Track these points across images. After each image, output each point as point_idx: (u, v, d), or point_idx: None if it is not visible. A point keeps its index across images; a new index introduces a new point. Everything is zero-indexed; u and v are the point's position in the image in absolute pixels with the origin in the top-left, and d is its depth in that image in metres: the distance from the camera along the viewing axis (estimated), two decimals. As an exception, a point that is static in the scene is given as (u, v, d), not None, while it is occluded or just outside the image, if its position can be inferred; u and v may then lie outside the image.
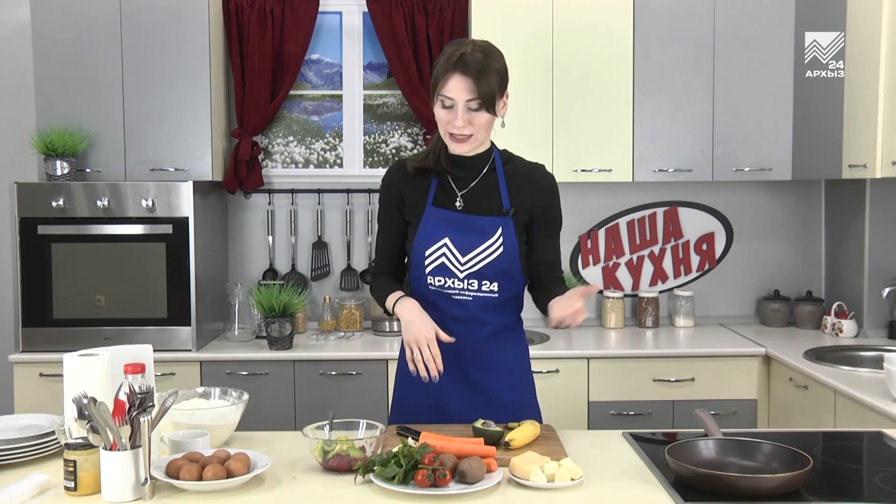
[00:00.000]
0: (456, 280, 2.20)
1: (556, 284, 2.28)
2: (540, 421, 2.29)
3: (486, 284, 2.20)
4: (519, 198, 2.23)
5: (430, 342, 2.11)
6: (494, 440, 2.00)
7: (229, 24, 3.96)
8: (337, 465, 1.88)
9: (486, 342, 2.23)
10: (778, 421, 3.52)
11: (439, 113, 2.14)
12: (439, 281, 2.21)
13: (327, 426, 2.02)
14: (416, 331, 2.12)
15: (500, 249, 2.18)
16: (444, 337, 2.13)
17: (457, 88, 2.08)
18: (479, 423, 2.05)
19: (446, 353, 2.17)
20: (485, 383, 2.24)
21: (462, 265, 2.19)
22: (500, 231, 2.19)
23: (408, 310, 2.17)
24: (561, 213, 2.31)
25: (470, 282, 2.19)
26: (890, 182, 3.67)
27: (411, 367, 2.14)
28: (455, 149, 2.18)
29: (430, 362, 2.10)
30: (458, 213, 2.21)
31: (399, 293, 2.25)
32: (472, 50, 2.10)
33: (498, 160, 2.26)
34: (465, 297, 2.21)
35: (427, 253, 2.20)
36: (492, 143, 2.27)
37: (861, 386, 2.87)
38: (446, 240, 2.19)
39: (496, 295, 2.21)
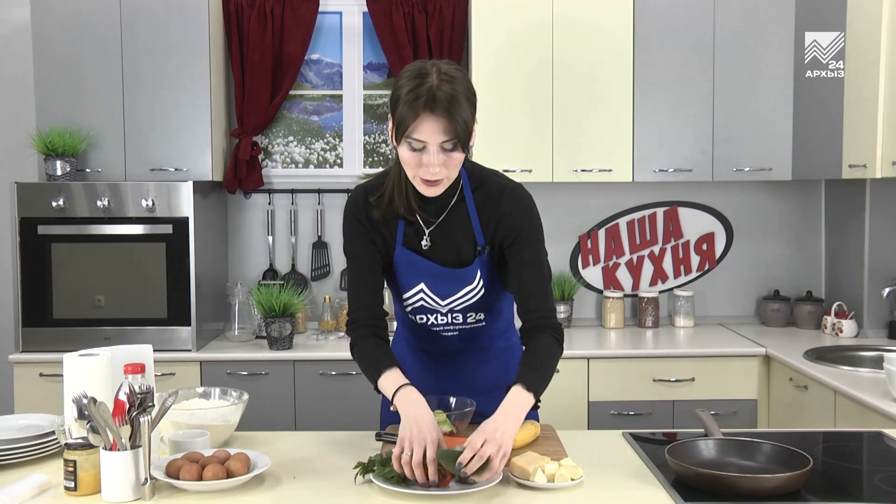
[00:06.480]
0: (439, 315, 2.08)
1: (538, 336, 1.96)
2: None
3: (471, 316, 2.10)
4: (491, 226, 1.99)
5: (430, 444, 1.73)
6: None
7: (229, 24, 3.96)
8: None
9: (480, 367, 2.18)
10: (778, 421, 3.52)
11: (405, 155, 1.83)
12: (421, 319, 2.10)
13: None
14: (418, 431, 1.74)
15: (482, 291, 2.04)
16: (443, 444, 1.78)
17: (429, 130, 1.78)
18: (478, 424, 2.05)
19: (453, 379, 2.14)
20: (489, 407, 2.01)
21: (443, 305, 2.07)
22: (478, 275, 2.02)
23: (412, 403, 1.83)
24: (537, 238, 2.01)
25: (454, 316, 2.09)
26: (890, 182, 3.67)
27: (396, 465, 1.74)
28: (427, 192, 1.90)
29: (418, 468, 1.71)
30: (430, 263, 2.01)
31: (399, 379, 1.91)
32: (438, 81, 1.78)
33: (467, 187, 2.00)
34: (451, 332, 2.12)
35: (406, 296, 2.08)
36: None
37: (861, 386, 2.87)
38: (422, 285, 2.04)
39: (483, 323, 2.12)
